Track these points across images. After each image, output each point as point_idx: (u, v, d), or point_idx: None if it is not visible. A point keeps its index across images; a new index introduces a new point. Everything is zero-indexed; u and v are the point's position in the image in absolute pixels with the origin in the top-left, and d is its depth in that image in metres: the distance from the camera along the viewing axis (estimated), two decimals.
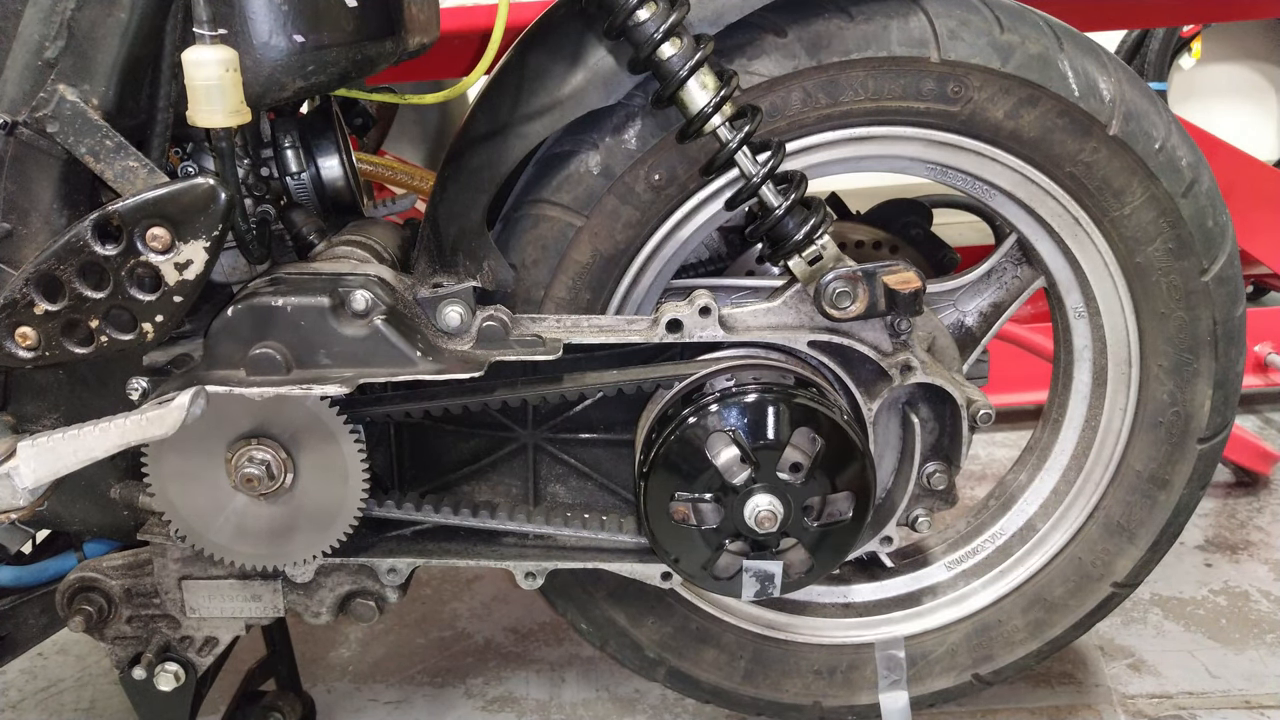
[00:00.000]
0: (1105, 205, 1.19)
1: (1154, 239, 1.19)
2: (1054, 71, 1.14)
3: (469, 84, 1.39)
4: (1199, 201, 1.19)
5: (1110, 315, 1.26)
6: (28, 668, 1.69)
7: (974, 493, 2.06)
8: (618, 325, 1.16)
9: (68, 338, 1.01)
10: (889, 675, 1.36)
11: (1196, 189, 1.19)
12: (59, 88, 0.95)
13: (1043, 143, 1.16)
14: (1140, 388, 1.26)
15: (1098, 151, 1.16)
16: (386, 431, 1.23)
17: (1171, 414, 1.26)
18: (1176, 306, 1.22)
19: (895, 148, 1.19)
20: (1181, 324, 1.22)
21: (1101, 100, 1.15)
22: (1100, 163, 1.17)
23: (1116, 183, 1.18)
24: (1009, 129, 1.16)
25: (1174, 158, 1.18)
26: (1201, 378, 1.24)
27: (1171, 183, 1.18)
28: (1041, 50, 1.14)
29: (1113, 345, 1.27)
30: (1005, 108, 1.15)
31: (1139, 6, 2.42)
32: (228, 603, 1.21)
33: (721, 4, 1.10)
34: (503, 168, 1.14)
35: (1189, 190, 1.18)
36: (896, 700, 1.35)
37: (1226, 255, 1.21)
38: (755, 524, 1.11)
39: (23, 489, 1.02)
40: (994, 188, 1.22)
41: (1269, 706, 1.49)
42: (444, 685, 1.62)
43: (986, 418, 1.20)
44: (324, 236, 1.22)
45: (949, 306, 1.32)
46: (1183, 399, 1.25)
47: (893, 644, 1.37)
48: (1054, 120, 1.15)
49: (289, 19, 1.01)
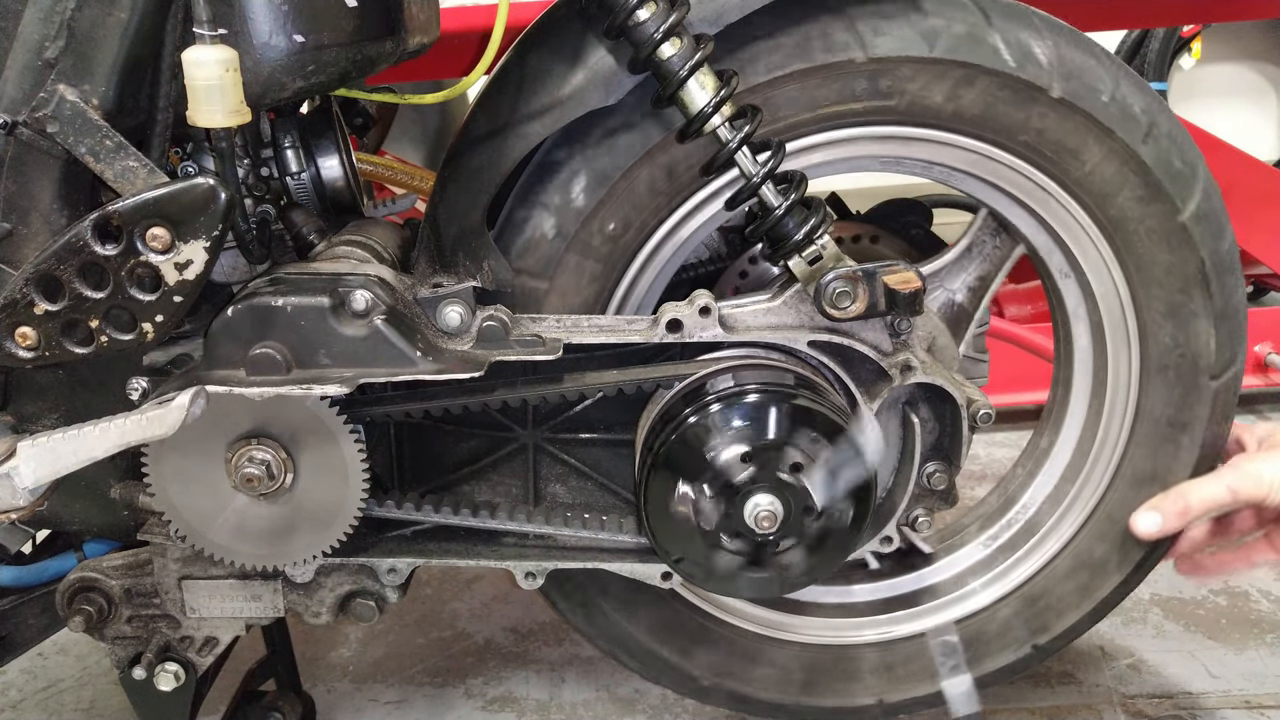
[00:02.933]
0: (1065, 166, 1.18)
1: (1121, 189, 1.18)
2: (984, 47, 1.14)
3: (469, 84, 1.39)
4: (1160, 145, 1.18)
5: (1095, 271, 1.24)
6: (28, 668, 1.69)
7: (974, 493, 2.06)
8: (618, 325, 1.16)
9: (68, 338, 1.01)
10: (947, 661, 1.35)
11: (1155, 133, 1.18)
12: (59, 88, 0.95)
13: (988, 118, 1.16)
14: (1141, 336, 1.24)
15: (1045, 116, 1.16)
16: (386, 431, 1.23)
17: (1177, 356, 1.24)
18: (1159, 250, 1.20)
19: (845, 150, 1.19)
20: (1168, 267, 1.21)
21: (1040, 66, 1.14)
22: (1051, 127, 1.16)
23: (1071, 142, 1.17)
24: (950, 111, 1.15)
25: (1126, 107, 1.17)
26: (1200, 317, 1.22)
27: (1128, 132, 1.16)
28: (968, 29, 1.14)
29: (1104, 299, 1.26)
30: (943, 92, 1.15)
31: (1139, 6, 2.42)
32: (228, 603, 1.21)
33: (721, 4, 1.10)
34: (503, 168, 1.14)
35: (1148, 135, 1.17)
36: (960, 685, 1.35)
37: (1201, 192, 1.20)
38: (755, 524, 1.11)
39: (23, 489, 1.02)
40: (952, 169, 1.22)
41: (1269, 706, 1.49)
42: (444, 685, 1.62)
43: (986, 418, 1.20)
44: (324, 236, 1.22)
45: (937, 287, 1.31)
46: (1185, 340, 1.23)
47: (945, 630, 1.37)
48: (995, 94, 1.15)
49: (289, 19, 1.01)
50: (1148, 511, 1.25)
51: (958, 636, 1.36)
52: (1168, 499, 1.25)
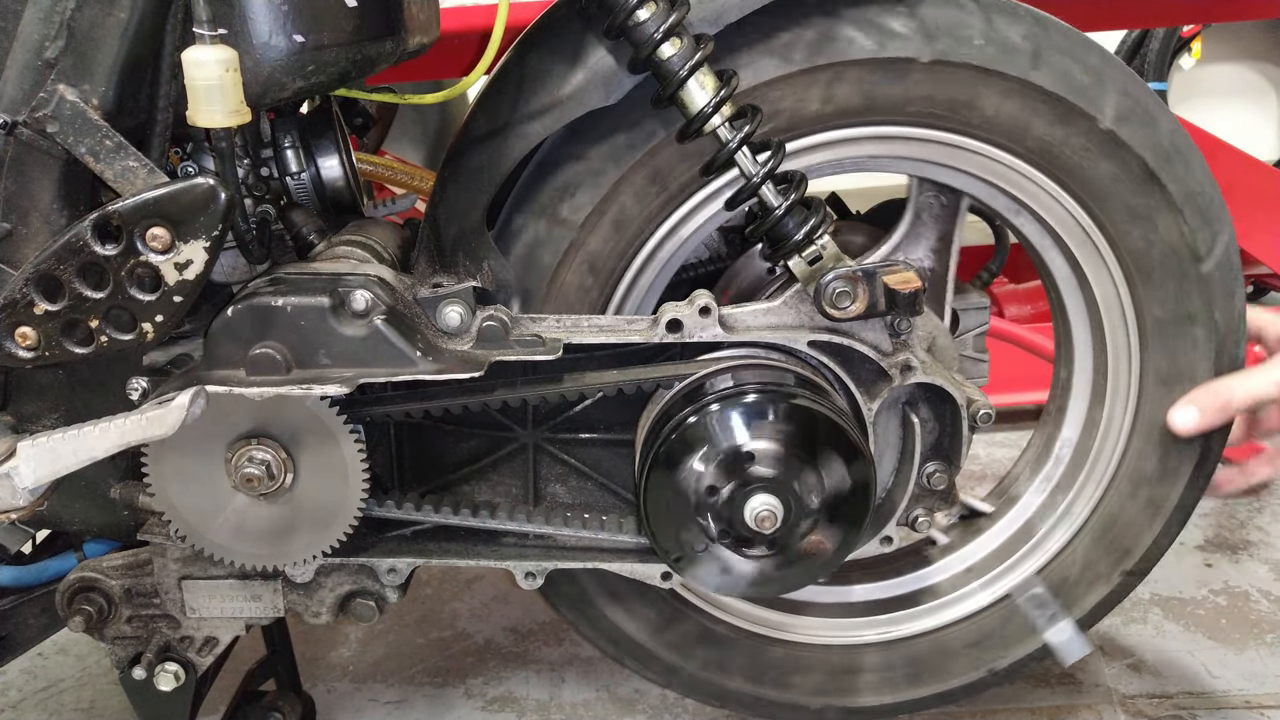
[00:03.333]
0: (966, 120, 1.16)
1: (1031, 122, 1.17)
2: (838, 43, 1.13)
3: (469, 84, 1.39)
4: (1054, 65, 1.15)
5: (1036, 200, 1.23)
6: (28, 668, 1.69)
7: (974, 492, 2.05)
8: (618, 325, 1.17)
9: (68, 338, 1.01)
10: (1041, 613, 1.34)
11: (1044, 55, 1.15)
12: (59, 88, 0.95)
13: (872, 104, 1.15)
14: (1112, 248, 1.23)
15: (923, 83, 1.14)
16: (386, 431, 1.23)
17: (1158, 254, 1.22)
18: (1093, 162, 1.18)
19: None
20: (1110, 174, 1.19)
21: (903, 39, 1.13)
22: (934, 90, 1.15)
23: (962, 96, 1.15)
24: (831, 111, 1.15)
25: (1004, 43, 1.14)
26: (1160, 210, 1.20)
27: (1015, 66, 1.15)
28: (818, 32, 1.13)
29: (1062, 225, 1.24)
30: (818, 97, 1.14)
31: (1139, 6, 2.42)
32: (228, 603, 1.21)
33: (721, 4, 1.10)
34: (503, 168, 1.14)
35: (1036, 60, 1.15)
36: (1062, 632, 1.33)
37: (1117, 93, 1.17)
38: (755, 523, 1.11)
39: (23, 489, 1.02)
40: (866, 159, 1.21)
41: (1269, 706, 1.49)
42: (444, 685, 1.62)
43: (986, 418, 1.20)
44: (324, 236, 1.22)
45: (900, 264, 1.27)
46: (1157, 236, 1.21)
47: (1028, 585, 1.35)
48: (869, 81, 1.14)
49: (289, 19, 1.01)
50: (1184, 406, 1.23)
51: (1044, 586, 1.34)
52: (1206, 393, 1.23)
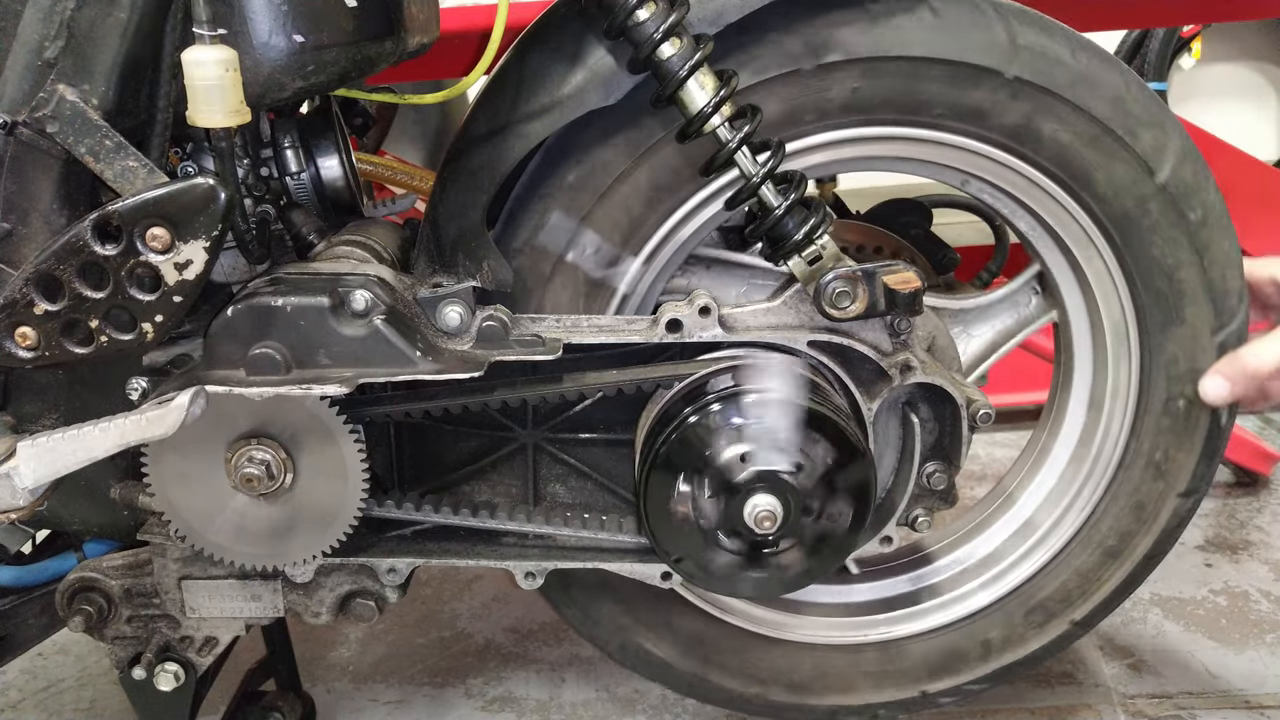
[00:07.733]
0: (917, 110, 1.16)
1: (968, 94, 1.15)
2: (773, 55, 1.12)
3: (469, 84, 1.39)
4: (949, 26, 1.13)
5: (995, 175, 1.22)
6: (28, 668, 1.69)
7: (974, 492, 2.06)
8: (617, 325, 1.17)
9: (68, 338, 1.01)
10: None
11: (941, 16, 1.13)
12: (59, 88, 0.95)
13: (797, 109, 1.15)
14: (1088, 211, 1.22)
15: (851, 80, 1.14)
16: (386, 431, 1.23)
17: (1133, 206, 1.20)
18: (1026, 120, 1.16)
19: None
20: (1052, 137, 1.17)
21: (813, 45, 1.12)
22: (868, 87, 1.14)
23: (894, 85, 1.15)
24: (780, 118, 1.15)
25: (891, 14, 1.13)
26: (1116, 159, 1.19)
27: (921, 36, 1.13)
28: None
29: (1029, 198, 1.23)
30: (775, 108, 1.14)
31: (1139, 6, 2.42)
32: (227, 603, 1.21)
33: (721, 4, 1.10)
34: (502, 168, 1.14)
35: (936, 19, 1.13)
36: None
37: (1031, 32, 1.15)
38: (755, 523, 1.11)
39: (23, 489, 1.02)
40: (823, 165, 1.21)
41: (1269, 706, 1.49)
42: (444, 685, 1.62)
43: (986, 418, 1.20)
44: (324, 236, 1.22)
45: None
46: (1118, 184, 1.20)
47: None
48: (793, 88, 1.14)
49: (289, 19, 1.01)
50: (1213, 376, 1.24)
51: None
52: (1233, 364, 1.23)
